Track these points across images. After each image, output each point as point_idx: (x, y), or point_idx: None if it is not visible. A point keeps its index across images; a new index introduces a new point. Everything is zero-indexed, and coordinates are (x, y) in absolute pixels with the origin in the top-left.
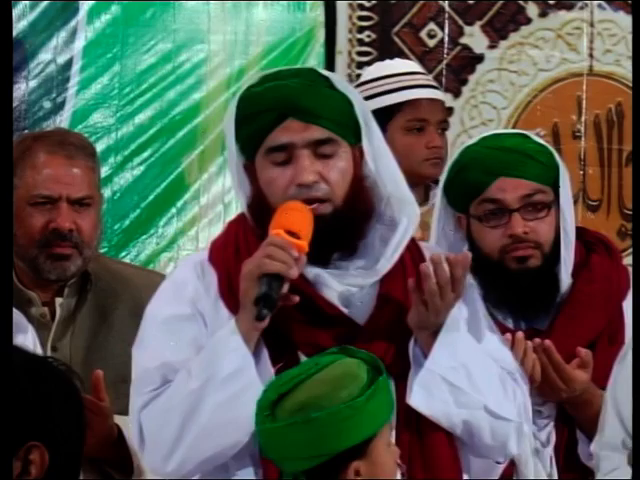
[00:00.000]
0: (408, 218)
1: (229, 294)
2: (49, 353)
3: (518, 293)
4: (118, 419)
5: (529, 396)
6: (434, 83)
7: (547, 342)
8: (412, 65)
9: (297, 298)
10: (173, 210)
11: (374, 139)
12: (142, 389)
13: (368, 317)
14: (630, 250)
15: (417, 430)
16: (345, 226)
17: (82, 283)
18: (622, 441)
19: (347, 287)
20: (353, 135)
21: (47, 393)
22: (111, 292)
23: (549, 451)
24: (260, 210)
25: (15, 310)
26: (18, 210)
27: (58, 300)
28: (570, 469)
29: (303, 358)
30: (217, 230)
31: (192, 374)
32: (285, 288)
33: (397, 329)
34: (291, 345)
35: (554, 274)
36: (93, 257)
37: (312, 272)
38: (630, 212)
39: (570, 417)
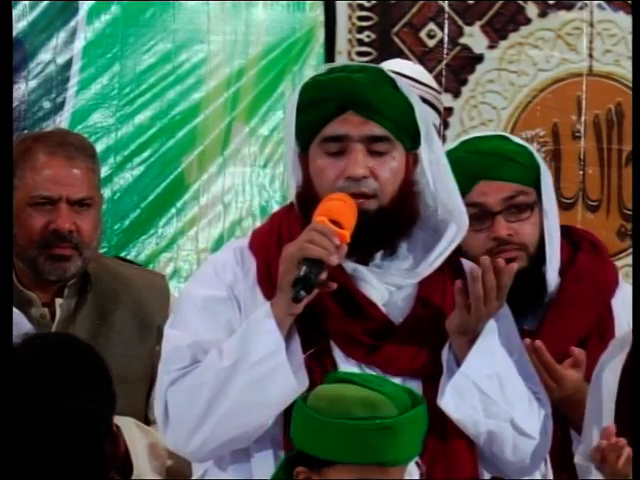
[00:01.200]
0: (457, 226)
1: (267, 281)
2: None
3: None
4: (118, 419)
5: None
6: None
7: (537, 342)
8: (410, 68)
9: (335, 285)
10: (173, 210)
11: (434, 146)
12: (171, 367)
13: (404, 318)
14: (630, 250)
15: (441, 433)
16: (388, 225)
17: (82, 284)
18: (590, 450)
19: (386, 286)
20: (410, 139)
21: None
22: (111, 293)
23: None
24: (307, 200)
25: (17, 311)
26: (18, 211)
27: (58, 301)
28: (565, 469)
29: (335, 348)
30: (217, 230)
31: (223, 353)
32: (323, 276)
33: (431, 333)
34: (324, 334)
35: (541, 274)
36: (93, 258)
37: (350, 267)
38: (630, 212)
39: (564, 417)
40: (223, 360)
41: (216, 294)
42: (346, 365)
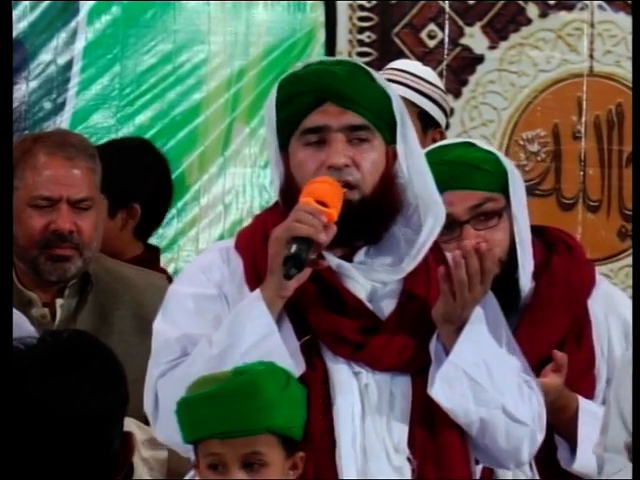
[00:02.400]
0: (434, 218)
1: (254, 279)
2: None
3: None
4: None
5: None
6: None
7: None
8: (418, 67)
9: (326, 263)
10: (173, 211)
11: (408, 138)
12: (161, 359)
13: (390, 313)
14: (630, 250)
15: (431, 428)
16: (371, 215)
17: (82, 284)
18: (625, 443)
19: (371, 282)
20: (388, 131)
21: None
22: (111, 293)
23: None
24: (290, 194)
25: (18, 313)
26: (18, 211)
27: (59, 301)
28: (550, 474)
29: (322, 347)
30: (218, 231)
31: (213, 342)
32: (313, 255)
33: (418, 326)
34: (311, 333)
35: (514, 280)
36: (93, 258)
37: (335, 262)
38: (630, 212)
39: (547, 423)
40: (213, 348)
41: (205, 291)
42: (334, 363)
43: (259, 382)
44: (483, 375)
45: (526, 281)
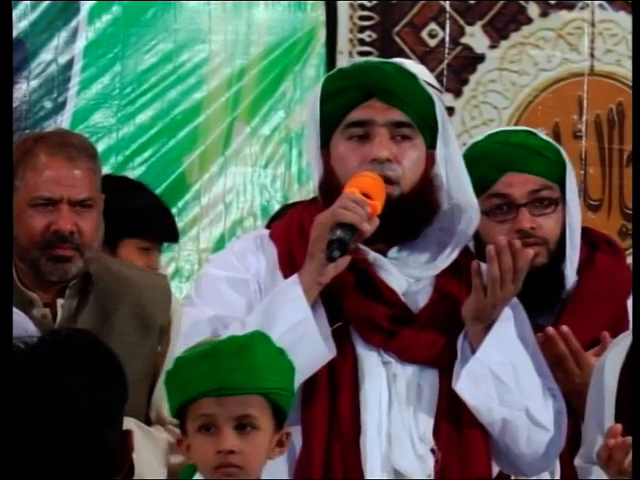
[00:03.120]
0: (469, 220)
1: (289, 267)
2: None
3: (524, 289)
4: None
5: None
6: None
7: (564, 328)
8: (413, 66)
9: (367, 250)
10: (174, 210)
11: (449, 143)
12: (190, 340)
13: (422, 307)
14: (631, 250)
15: (457, 423)
16: (409, 213)
17: (83, 284)
18: (597, 451)
19: (405, 277)
20: (429, 133)
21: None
22: (112, 293)
23: None
24: (330, 189)
25: (22, 314)
26: (19, 212)
27: (59, 301)
28: (574, 466)
29: (354, 333)
30: (218, 230)
31: (247, 324)
32: (356, 245)
33: (448, 323)
34: (343, 319)
35: (560, 271)
36: (94, 258)
37: (372, 255)
38: (631, 212)
39: (575, 411)
40: (246, 328)
41: (238, 275)
42: (365, 350)
43: (255, 343)
44: (509, 375)
45: (572, 273)
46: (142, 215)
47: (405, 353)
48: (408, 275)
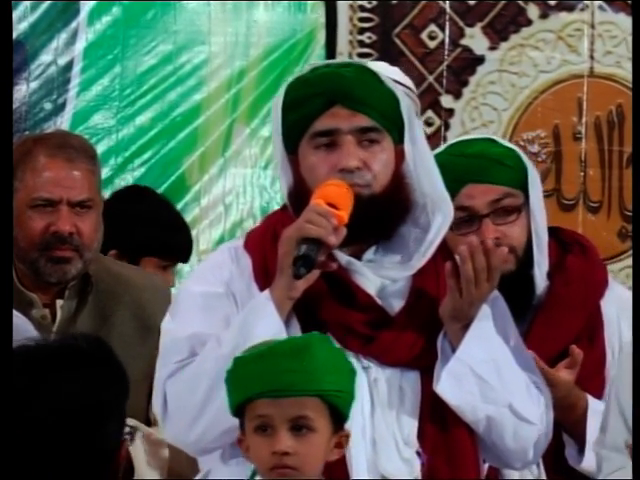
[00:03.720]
0: (443, 216)
1: (264, 278)
2: None
3: None
4: None
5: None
6: None
7: (529, 352)
8: (383, 67)
9: (335, 265)
10: None
11: (417, 138)
12: (169, 360)
13: (399, 309)
14: (630, 252)
15: (441, 424)
16: (380, 214)
17: (83, 285)
18: (625, 441)
19: (381, 279)
20: (397, 132)
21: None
22: (112, 294)
23: None
24: (300, 198)
25: (20, 315)
26: (18, 213)
27: (59, 302)
28: (558, 471)
29: (332, 339)
30: (218, 231)
31: (222, 341)
32: (322, 257)
33: (427, 323)
34: (320, 326)
35: (529, 277)
36: (94, 259)
37: (345, 259)
38: (631, 213)
39: (556, 421)
40: (222, 348)
41: (213, 290)
42: None
43: (313, 344)
44: (491, 373)
45: (541, 279)
46: (166, 235)
47: (384, 357)
48: (383, 276)
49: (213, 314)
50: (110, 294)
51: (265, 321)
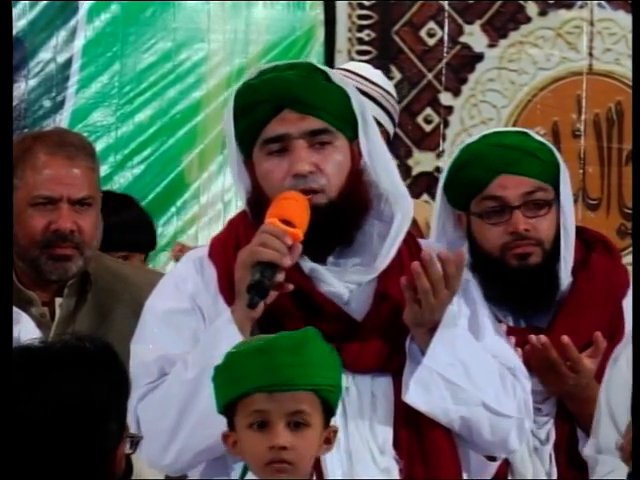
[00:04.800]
0: (402, 213)
1: (229, 289)
2: None
3: (518, 290)
4: None
5: (530, 392)
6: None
7: (565, 339)
8: (361, 68)
9: (291, 286)
10: (173, 209)
11: (370, 133)
12: (139, 382)
13: (366, 314)
14: (630, 249)
15: (416, 427)
16: (340, 218)
17: (82, 283)
18: (616, 443)
19: (345, 284)
20: (351, 129)
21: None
22: (111, 292)
23: (548, 449)
24: (258, 204)
25: (23, 314)
26: (19, 211)
27: (58, 300)
28: (572, 467)
29: None
30: (217, 229)
31: (188, 365)
32: (280, 277)
33: (395, 326)
34: None
35: (554, 272)
36: (93, 257)
37: (308, 266)
38: (630, 211)
39: (571, 415)
40: (188, 371)
41: (179, 306)
42: None
43: (310, 339)
44: (460, 375)
45: (566, 274)
46: (122, 231)
47: (354, 364)
48: (348, 281)
49: (180, 332)
50: (109, 292)
51: (227, 343)
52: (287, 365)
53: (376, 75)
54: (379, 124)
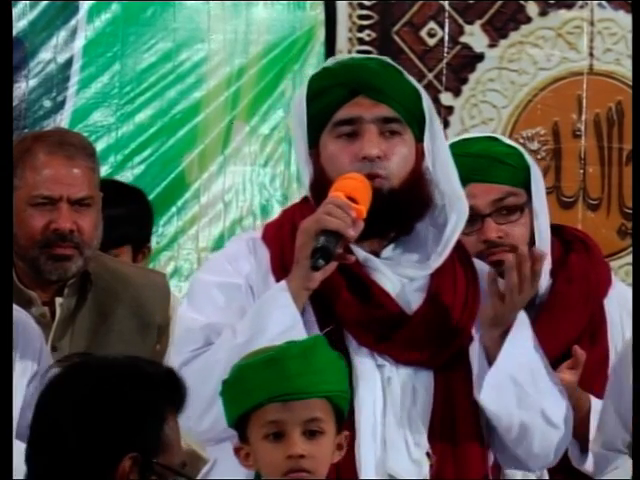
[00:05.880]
0: (458, 214)
1: (281, 270)
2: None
3: None
4: None
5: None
6: None
7: None
8: None
9: (353, 258)
10: (173, 209)
11: (437, 135)
12: (183, 348)
13: (416, 308)
14: (630, 249)
15: (451, 425)
16: (399, 207)
17: (82, 283)
18: (622, 440)
19: (398, 277)
20: (418, 127)
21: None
22: (111, 292)
23: None
24: (322, 188)
25: (24, 311)
26: (18, 211)
27: (58, 300)
28: (559, 470)
29: (348, 336)
30: (218, 229)
31: (237, 331)
32: (340, 250)
33: (443, 323)
34: (337, 322)
35: None
36: (93, 257)
37: (362, 256)
38: (630, 211)
39: None
40: (237, 337)
41: (230, 280)
42: (358, 354)
43: (318, 346)
44: (527, 379)
45: (544, 277)
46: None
47: (399, 356)
48: (401, 275)
49: (229, 304)
50: (109, 292)
51: (280, 311)
52: (299, 374)
53: None
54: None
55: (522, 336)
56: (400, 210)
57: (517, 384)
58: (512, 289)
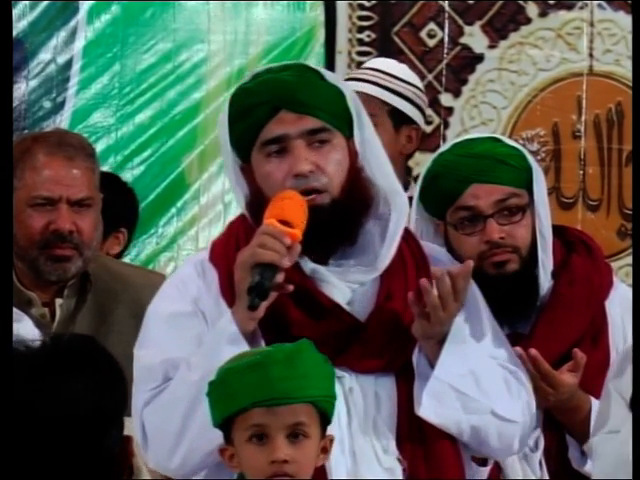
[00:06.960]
0: (397, 211)
1: (230, 292)
2: None
3: (498, 298)
4: None
5: (532, 393)
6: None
7: (533, 351)
8: (391, 66)
9: (291, 287)
10: (173, 210)
11: (365, 130)
12: (144, 387)
13: (369, 314)
14: (630, 250)
15: (419, 427)
16: (344, 216)
17: (82, 284)
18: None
19: (347, 284)
20: (347, 127)
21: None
22: (111, 292)
23: (538, 456)
24: (259, 207)
25: (22, 314)
26: (18, 211)
27: (58, 301)
28: (561, 474)
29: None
30: (217, 230)
31: (192, 367)
32: (280, 278)
33: (398, 325)
34: (291, 340)
35: (533, 277)
36: (93, 257)
37: (309, 267)
38: (630, 212)
39: (559, 423)
40: (192, 373)
41: (182, 309)
42: None
43: (304, 351)
44: (470, 385)
45: (545, 279)
46: None
47: (358, 365)
48: (350, 281)
49: (183, 335)
50: (109, 293)
51: (230, 346)
52: (283, 378)
53: (404, 72)
54: (413, 122)
55: (457, 345)
56: (345, 220)
57: (459, 392)
58: (435, 308)
